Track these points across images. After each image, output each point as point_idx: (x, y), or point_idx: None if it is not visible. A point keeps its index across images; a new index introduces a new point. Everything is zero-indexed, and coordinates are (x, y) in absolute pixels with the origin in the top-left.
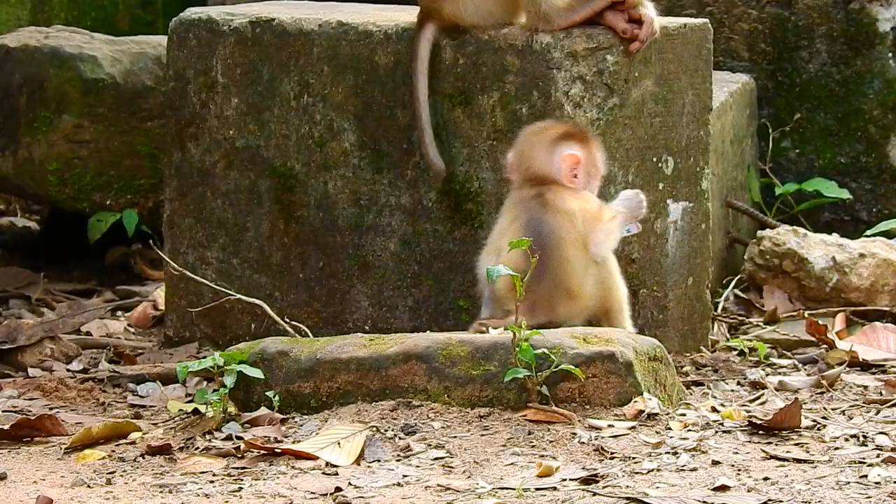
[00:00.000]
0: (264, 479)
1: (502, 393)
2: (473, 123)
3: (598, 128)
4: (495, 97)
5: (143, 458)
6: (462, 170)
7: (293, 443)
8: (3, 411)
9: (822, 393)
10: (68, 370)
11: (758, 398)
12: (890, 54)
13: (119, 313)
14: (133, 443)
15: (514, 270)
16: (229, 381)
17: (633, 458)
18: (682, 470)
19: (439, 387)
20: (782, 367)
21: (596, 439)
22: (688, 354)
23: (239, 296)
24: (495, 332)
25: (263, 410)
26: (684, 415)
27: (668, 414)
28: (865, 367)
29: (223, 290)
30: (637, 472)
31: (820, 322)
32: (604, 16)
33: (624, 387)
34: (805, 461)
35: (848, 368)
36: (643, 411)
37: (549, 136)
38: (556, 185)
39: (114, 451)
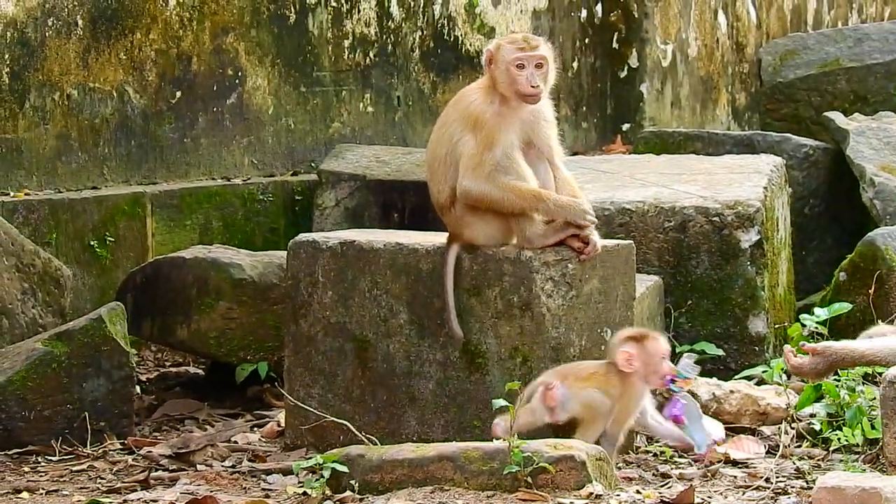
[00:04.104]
0: None
1: (502, 481)
2: (482, 308)
3: (562, 310)
4: (496, 291)
5: None
6: (475, 337)
7: None
8: (181, 493)
9: (707, 481)
10: (223, 466)
11: (666, 484)
12: (748, 263)
13: (255, 429)
14: None
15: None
16: (326, 473)
17: None
18: None
19: (461, 477)
20: (681, 463)
21: None
22: (621, 455)
23: (333, 418)
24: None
25: (348, 493)
26: (619, 495)
27: (609, 494)
28: (735, 463)
29: (322, 414)
30: None
31: None
32: (566, 239)
33: (580, 477)
34: None
35: (724, 465)
36: (592, 493)
37: (619, 336)
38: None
39: None
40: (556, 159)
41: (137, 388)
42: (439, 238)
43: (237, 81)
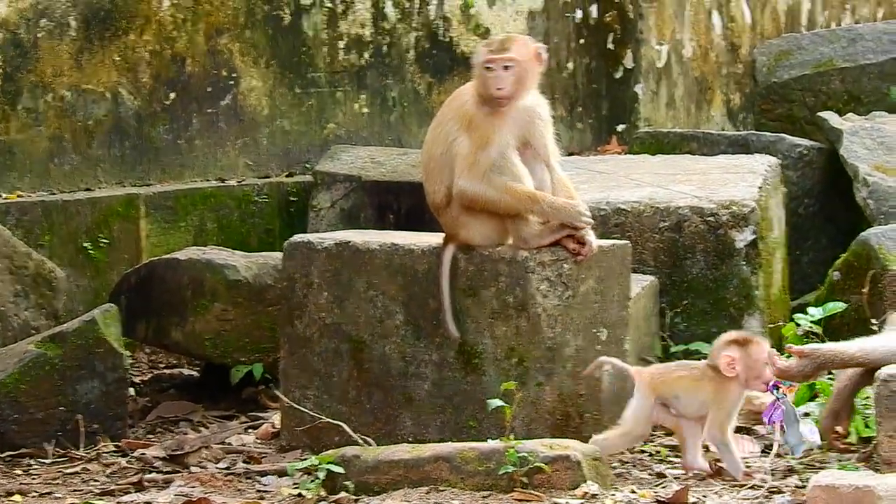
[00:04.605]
0: None
1: (498, 481)
2: (478, 308)
3: (558, 311)
4: (492, 291)
5: None
6: (471, 338)
7: None
8: (175, 495)
9: (702, 480)
10: (217, 468)
11: (661, 483)
12: (743, 263)
13: (250, 431)
14: None
15: None
16: (321, 474)
17: None
18: None
19: (457, 477)
20: (676, 463)
21: None
22: (615, 455)
23: (328, 419)
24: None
25: (343, 494)
26: (614, 495)
27: (604, 494)
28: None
29: (318, 415)
30: None
31: None
32: (561, 240)
33: (575, 477)
34: None
35: (718, 463)
36: (588, 492)
37: (722, 340)
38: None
39: None
40: (551, 159)
41: (132, 390)
42: (435, 239)
43: (232, 83)
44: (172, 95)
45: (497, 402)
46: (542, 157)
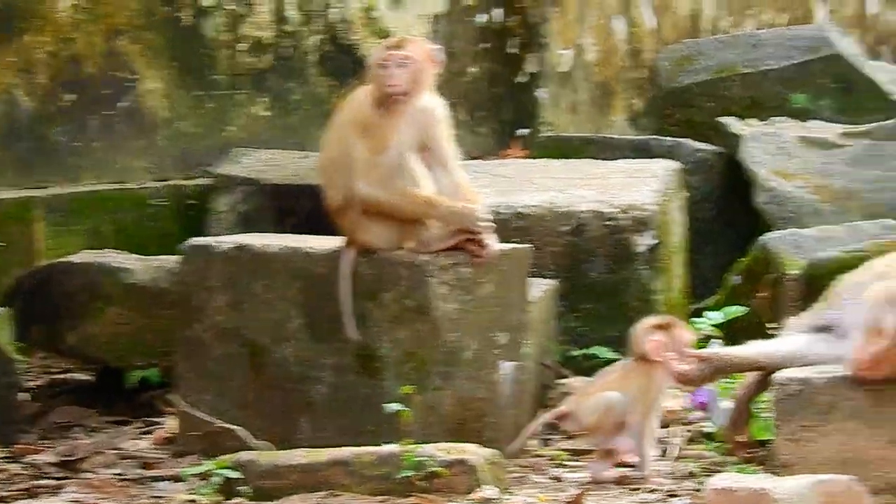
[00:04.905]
0: None
1: (395, 486)
2: (378, 311)
3: (458, 314)
4: (392, 295)
5: None
6: (370, 342)
7: None
8: (68, 502)
9: (599, 483)
10: (111, 474)
11: (558, 487)
12: (643, 267)
13: (145, 436)
14: None
15: None
16: (217, 479)
17: None
18: None
19: (354, 482)
20: (574, 467)
21: None
22: (514, 459)
23: (225, 424)
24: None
25: (239, 499)
26: (509, 499)
27: (501, 498)
28: (628, 466)
29: (214, 420)
30: None
31: None
32: (461, 244)
33: (472, 481)
34: None
35: (617, 467)
36: (485, 497)
37: (644, 326)
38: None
39: None
40: (450, 162)
41: (26, 395)
42: (335, 242)
43: (130, 84)
44: (70, 97)
45: (395, 406)
46: (441, 159)
